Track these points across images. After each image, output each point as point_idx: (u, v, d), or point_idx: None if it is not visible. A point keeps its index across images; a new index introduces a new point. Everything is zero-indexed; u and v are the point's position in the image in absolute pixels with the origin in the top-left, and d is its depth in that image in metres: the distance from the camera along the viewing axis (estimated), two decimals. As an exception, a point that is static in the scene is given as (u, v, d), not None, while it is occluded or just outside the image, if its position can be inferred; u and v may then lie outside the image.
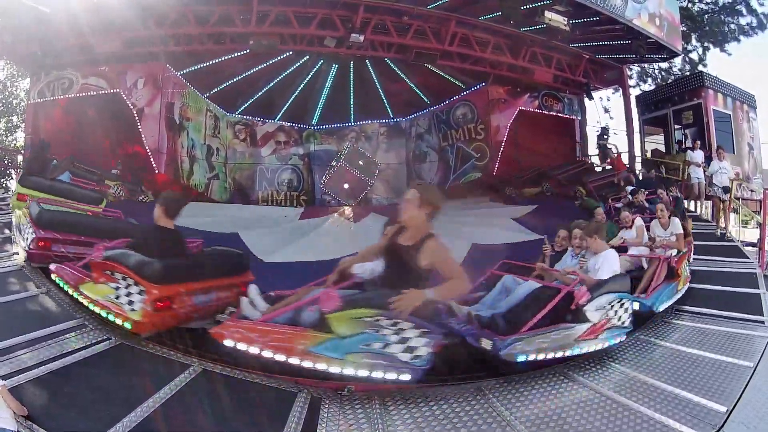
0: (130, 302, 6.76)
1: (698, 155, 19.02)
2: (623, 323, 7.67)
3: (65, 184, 13.34)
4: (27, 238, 9.16)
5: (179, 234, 7.68)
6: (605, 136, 23.92)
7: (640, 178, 19.78)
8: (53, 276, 7.97)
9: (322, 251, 13.30)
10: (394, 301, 5.49)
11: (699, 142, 20.23)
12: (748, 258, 12.41)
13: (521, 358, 6.45)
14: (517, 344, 6.41)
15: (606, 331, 7.31)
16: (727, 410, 5.55)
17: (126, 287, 6.86)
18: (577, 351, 7.03)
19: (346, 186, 27.55)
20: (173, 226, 7.47)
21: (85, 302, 7.25)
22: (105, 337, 6.74)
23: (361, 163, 27.98)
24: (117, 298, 6.88)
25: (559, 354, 6.83)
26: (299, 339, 5.85)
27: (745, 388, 6.06)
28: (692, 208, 19.18)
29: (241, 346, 5.90)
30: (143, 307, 6.61)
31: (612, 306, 7.43)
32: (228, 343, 5.92)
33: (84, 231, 9.49)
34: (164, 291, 6.74)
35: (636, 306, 8.33)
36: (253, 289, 6.80)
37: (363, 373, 5.83)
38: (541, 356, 6.64)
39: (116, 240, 8.10)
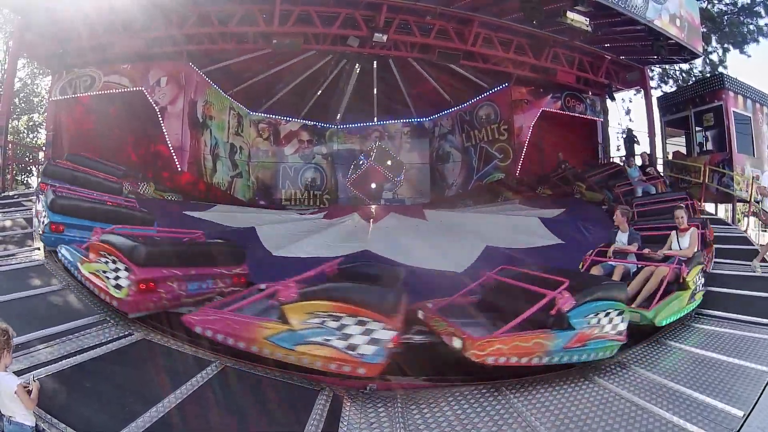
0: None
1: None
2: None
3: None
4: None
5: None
6: (634, 138, 23.87)
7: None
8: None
9: (335, 248, 13.39)
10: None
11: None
12: (767, 262, 12.36)
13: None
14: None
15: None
16: (744, 414, 5.52)
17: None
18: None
19: (372, 185, 27.73)
20: None
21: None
22: (126, 333, 6.86)
23: (388, 162, 28.10)
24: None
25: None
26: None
27: (762, 392, 6.00)
28: (712, 210, 19.14)
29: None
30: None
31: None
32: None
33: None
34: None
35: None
36: None
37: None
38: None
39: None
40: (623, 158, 23.10)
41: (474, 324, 7.19)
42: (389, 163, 28.24)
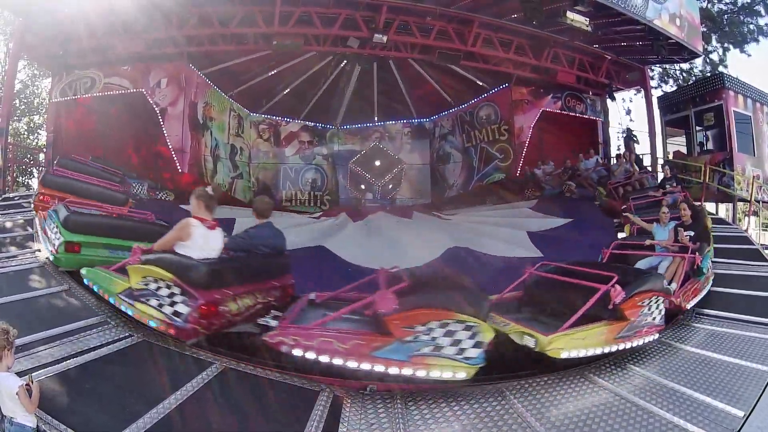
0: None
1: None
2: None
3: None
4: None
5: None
6: (634, 138, 23.86)
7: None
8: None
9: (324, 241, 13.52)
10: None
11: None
12: (767, 261, 12.35)
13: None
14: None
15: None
16: (745, 414, 5.52)
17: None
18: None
19: (362, 186, 27.78)
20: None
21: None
22: (126, 334, 6.84)
23: (376, 163, 28.26)
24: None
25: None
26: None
27: (762, 392, 5.99)
28: (712, 210, 19.13)
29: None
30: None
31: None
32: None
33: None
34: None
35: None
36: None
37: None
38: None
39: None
40: (618, 155, 23.10)
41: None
42: (377, 163, 28.32)
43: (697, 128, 22.22)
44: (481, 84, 24.68)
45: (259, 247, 7.70)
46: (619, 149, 24.13)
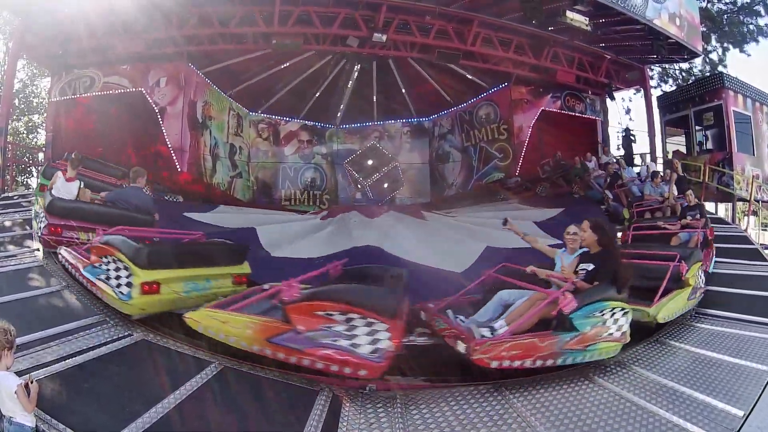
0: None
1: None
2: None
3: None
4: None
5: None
6: (632, 138, 23.87)
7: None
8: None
9: (333, 247, 13.43)
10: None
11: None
12: (767, 261, 12.35)
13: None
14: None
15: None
16: (744, 414, 5.53)
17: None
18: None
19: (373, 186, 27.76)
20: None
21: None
22: (125, 334, 6.87)
23: (369, 162, 28.27)
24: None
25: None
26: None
27: (762, 392, 6.00)
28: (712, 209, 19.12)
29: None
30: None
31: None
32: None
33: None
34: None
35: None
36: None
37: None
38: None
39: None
40: (620, 158, 23.11)
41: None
42: (369, 162, 28.33)
43: (697, 128, 22.22)
44: (480, 83, 24.61)
45: (127, 203, 10.32)
46: (619, 149, 24.15)
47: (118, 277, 7.31)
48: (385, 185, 27.93)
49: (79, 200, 10.66)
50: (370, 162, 28.13)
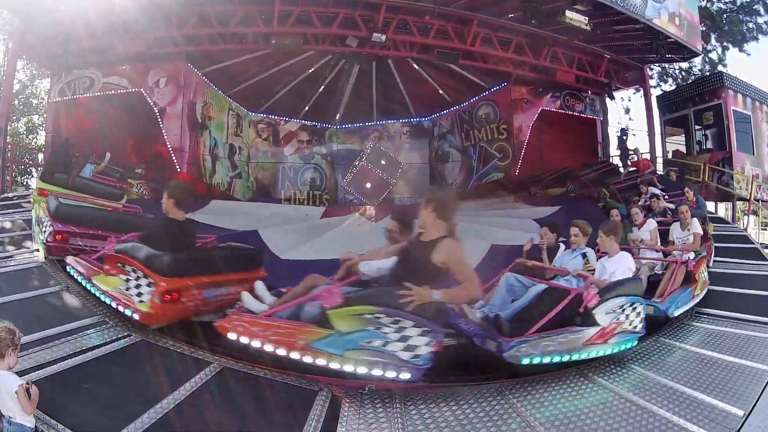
0: (139, 294, 6.89)
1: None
2: (635, 328, 7.48)
3: (86, 180, 13.47)
4: (45, 231, 9.28)
5: (190, 226, 7.80)
6: (624, 137, 23.87)
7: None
8: (68, 268, 8.15)
9: (340, 250, 13.41)
10: (402, 295, 5.56)
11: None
12: (767, 260, 12.34)
13: (525, 361, 6.41)
14: (522, 347, 6.38)
15: (616, 336, 7.18)
16: (745, 414, 5.51)
17: (135, 279, 7.01)
18: (584, 356, 6.94)
19: (368, 185, 27.70)
20: (184, 218, 7.52)
21: (98, 294, 7.37)
22: (125, 334, 6.83)
23: (383, 162, 28.09)
24: (127, 289, 7.03)
25: (566, 358, 6.77)
26: (300, 334, 5.88)
27: (762, 391, 5.99)
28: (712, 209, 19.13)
29: (244, 340, 5.95)
30: (151, 299, 6.72)
31: (623, 310, 7.24)
32: (231, 336, 5.97)
33: (100, 225, 9.58)
34: (172, 283, 6.84)
35: (650, 310, 8.24)
36: (259, 285, 6.84)
37: (362, 370, 5.85)
38: (546, 359, 6.58)
39: (130, 234, 8.19)
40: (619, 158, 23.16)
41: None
42: (383, 162, 28.30)
43: (696, 127, 22.23)
44: (480, 83, 24.66)
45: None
46: (618, 148, 24.16)
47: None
48: (383, 186, 27.90)
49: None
50: (383, 162, 28.13)
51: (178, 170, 19.24)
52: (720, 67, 30.14)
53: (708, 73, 28.18)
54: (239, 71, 23.13)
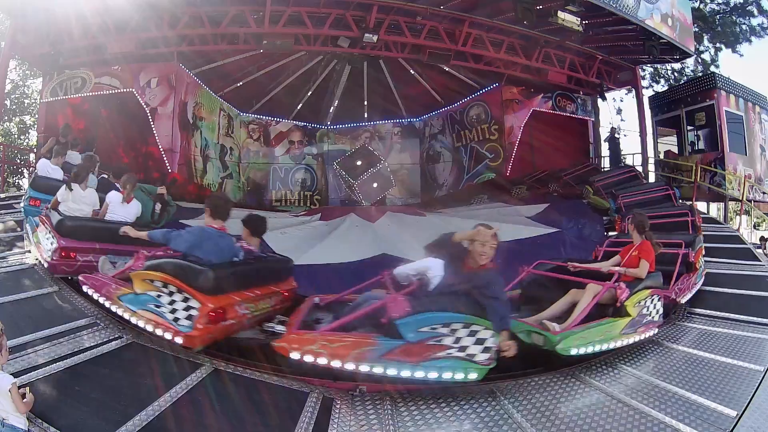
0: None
1: None
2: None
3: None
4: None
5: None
6: (617, 136, 23.90)
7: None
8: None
9: (346, 253, 13.39)
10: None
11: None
12: (759, 261, 12.36)
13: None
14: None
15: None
16: (737, 414, 5.55)
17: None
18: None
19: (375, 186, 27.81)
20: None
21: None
22: (116, 336, 6.81)
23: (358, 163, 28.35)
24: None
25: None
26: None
27: (755, 392, 6.04)
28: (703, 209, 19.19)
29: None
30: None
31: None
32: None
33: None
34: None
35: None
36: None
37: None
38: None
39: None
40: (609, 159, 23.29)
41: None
42: (359, 163, 28.43)
43: (689, 128, 22.27)
44: (471, 83, 24.73)
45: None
46: (608, 149, 24.20)
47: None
48: (375, 186, 27.93)
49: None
50: (359, 163, 28.11)
51: (170, 171, 19.17)
52: (712, 68, 30.35)
53: (700, 74, 28.29)
54: (230, 72, 23.16)
